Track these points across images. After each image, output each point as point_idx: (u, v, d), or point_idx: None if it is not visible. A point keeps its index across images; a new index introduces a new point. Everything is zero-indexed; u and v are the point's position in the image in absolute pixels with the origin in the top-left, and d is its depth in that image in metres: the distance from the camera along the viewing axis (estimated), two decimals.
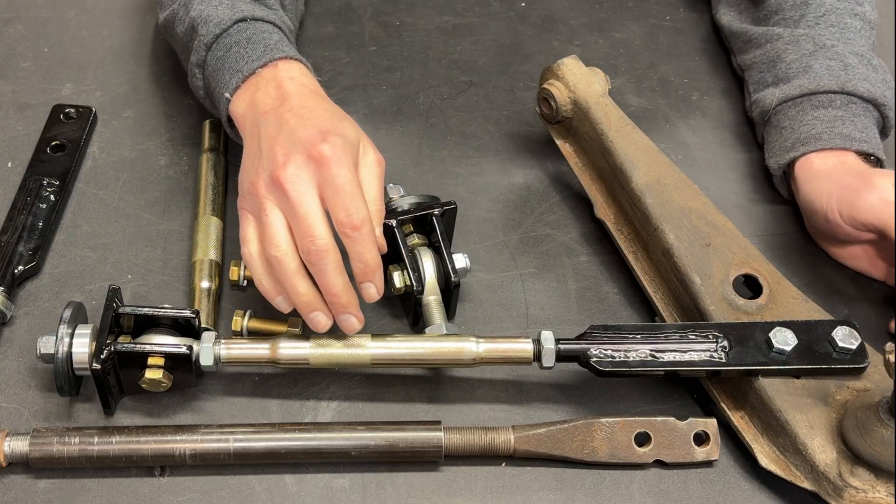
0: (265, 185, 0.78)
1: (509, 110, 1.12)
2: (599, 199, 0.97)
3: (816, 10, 1.06)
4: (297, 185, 0.77)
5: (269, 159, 0.79)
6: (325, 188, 0.77)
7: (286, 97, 0.84)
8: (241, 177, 0.83)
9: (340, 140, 0.79)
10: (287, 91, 0.85)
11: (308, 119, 0.81)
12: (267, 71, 0.87)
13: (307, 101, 0.83)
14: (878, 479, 0.74)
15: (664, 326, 0.83)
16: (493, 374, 0.87)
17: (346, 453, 0.79)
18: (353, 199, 0.77)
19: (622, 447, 0.80)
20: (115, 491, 0.78)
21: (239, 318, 0.87)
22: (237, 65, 0.89)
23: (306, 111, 0.82)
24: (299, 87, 0.86)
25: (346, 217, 0.77)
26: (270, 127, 0.82)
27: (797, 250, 0.99)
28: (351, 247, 0.78)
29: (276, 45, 0.90)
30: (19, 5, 1.19)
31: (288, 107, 0.83)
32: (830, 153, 0.95)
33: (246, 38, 0.91)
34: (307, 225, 0.76)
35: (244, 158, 0.84)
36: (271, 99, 0.84)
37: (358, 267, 0.79)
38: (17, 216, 0.94)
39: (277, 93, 0.85)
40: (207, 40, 0.92)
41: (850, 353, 0.80)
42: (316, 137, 0.78)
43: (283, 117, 0.81)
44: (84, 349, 0.78)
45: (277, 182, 0.77)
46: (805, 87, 1.00)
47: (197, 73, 0.94)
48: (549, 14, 1.24)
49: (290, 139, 0.79)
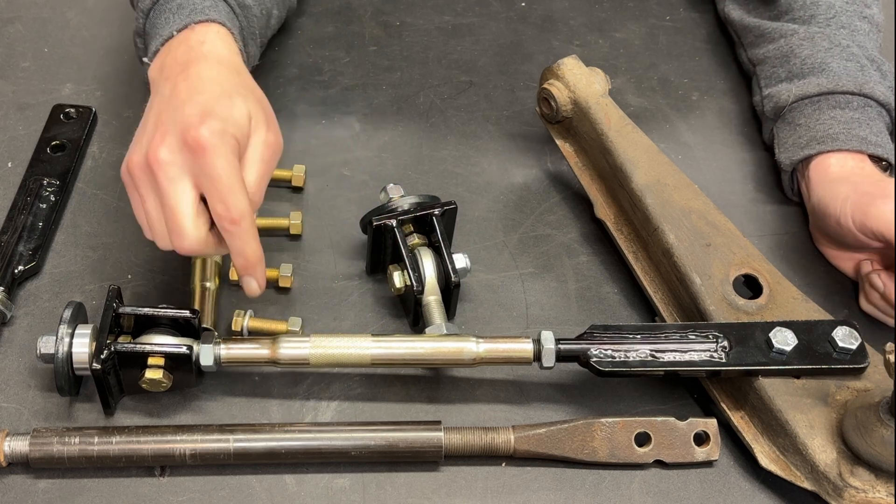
0: (139, 165, 0.74)
1: (509, 110, 1.12)
2: (599, 199, 0.97)
3: (826, 11, 1.06)
4: (168, 172, 0.72)
5: (148, 135, 0.74)
6: (201, 178, 0.73)
7: (188, 64, 0.78)
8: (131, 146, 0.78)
9: (219, 124, 0.73)
10: (192, 58, 0.79)
11: (198, 93, 0.75)
12: (183, 34, 0.82)
13: (206, 72, 0.78)
14: (878, 479, 0.74)
15: (664, 326, 0.83)
16: (493, 374, 0.87)
17: (346, 453, 0.79)
18: (231, 191, 0.72)
19: (622, 447, 0.80)
20: (115, 491, 0.78)
21: (239, 318, 0.87)
22: (161, 30, 0.84)
23: (200, 83, 0.76)
24: (207, 52, 0.80)
25: (223, 211, 0.73)
26: (162, 98, 0.77)
27: (797, 250, 0.99)
28: (230, 241, 0.75)
29: (203, 10, 0.85)
30: (19, 5, 1.19)
31: (185, 76, 0.77)
32: (848, 156, 0.95)
33: (177, 4, 0.86)
34: (172, 222, 0.73)
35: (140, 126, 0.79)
36: (178, 65, 0.79)
37: (238, 261, 0.76)
38: (17, 216, 0.94)
39: (184, 57, 0.79)
40: (145, 6, 0.89)
41: (851, 353, 0.80)
42: (194, 119, 0.73)
43: (178, 87, 0.76)
44: (84, 349, 0.78)
45: (149, 166, 0.73)
46: (823, 85, 0.99)
47: (138, 42, 0.92)
48: (549, 14, 1.24)
49: (172, 116, 0.74)
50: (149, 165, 0.73)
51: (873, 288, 0.91)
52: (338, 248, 0.96)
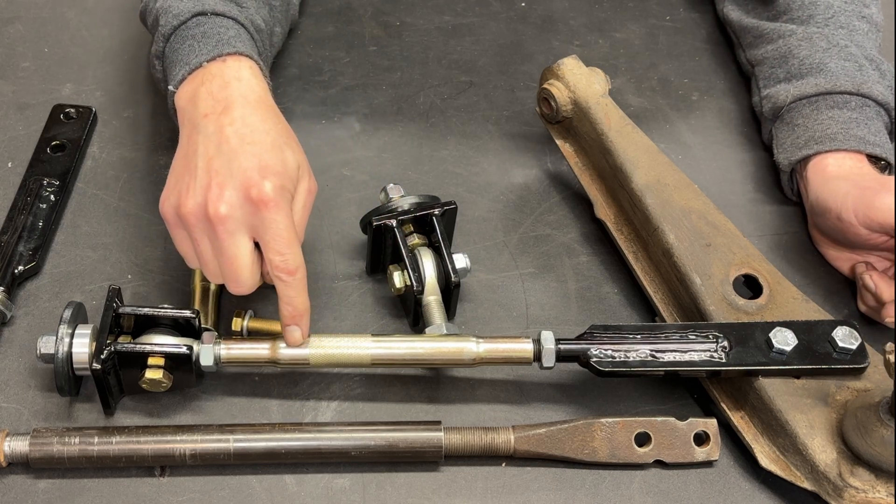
0: (194, 214, 0.77)
1: (509, 110, 1.12)
2: (599, 199, 0.97)
3: (825, 11, 1.06)
4: (228, 226, 0.76)
5: (202, 186, 0.77)
6: (261, 230, 0.76)
7: (230, 105, 0.80)
8: (170, 180, 0.80)
9: (279, 180, 0.77)
10: (231, 96, 0.81)
11: (249, 144, 0.78)
12: (215, 66, 0.84)
13: (251, 117, 0.80)
14: (878, 480, 0.74)
15: (664, 326, 0.83)
16: (493, 374, 0.87)
17: (346, 453, 0.79)
18: (290, 245, 0.77)
19: (622, 447, 0.80)
20: (115, 491, 0.78)
21: (239, 318, 0.87)
22: (187, 57, 0.86)
23: (248, 131, 0.79)
24: (245, 92, 0.82)
25: (281, 262, 0.77)
26: (208, 140, 0.79)
27: (797, 250, 0.99)
28: (283, 290, 0.78)
29: (230, 40, 0.86)
30: (19, 5, 1.19)
31: (229, 119, 0.79)
32: (846, 156, 0.95)
33: (201, 32, 0.88)
34: (231, 269, 0.77)
35: (175, 159, 0.81)
36: (213, 101, 0.81)
37: (287, 310, 0.79)
38: (17, 216, 0.94)
39: (222, 94, 0.81)
40: (166, 31, 0.90)
41: (851, 353, 0.80)
42: (255, 175, 0.76)
43: (224, 133, 0.78)
44: (84, 349, 0.78)
45: (209, 218, 0.76)
46: (821, 85, 1.00)
47: (156, 65, 0.92)
48: (549, 14, 1.24)
49: (227, 167, 0.77)
50: (208, 218, 0.76)
51: (866, 289, 0.91)
52: (338, 248, 0.96)
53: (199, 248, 0.78)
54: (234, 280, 0.78)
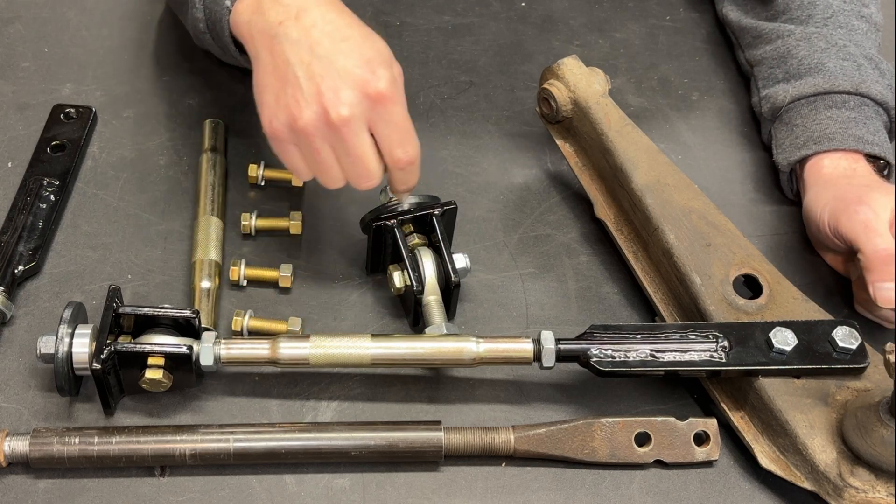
0: (314, 124, 0.76)
1: (509, 110, 1.12)
2: (599, 199, 0.97)
3: (824, 11, 1.06)
4: (353, 127, 0.76)
5: (312, 94, 0.76)
6: (380, 125, 0.77)
7: (303, 7, 0.78)
8: (266, 98, 0.79)
9: (387, 71, 0.77)
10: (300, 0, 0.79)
11: (343, 40, 0.77)
12: None
13: (329, 14, 0.79)
14: (878, 479, 0.74)
15: (664, 326, 0.83)
16: (493, 374, 0.87)
17: (346, 453, 0.79)
18: (409, 135, 0.79)
19: (622, 447, 0.80)
20: (115, 491, 0.78)
21: (239, 318, 0.87)
22: None
23: (333, 29, 0.78)
24: None
25: (403, 154, 0.79)
26: (298, 46, 0.77)
27: (797, 250, 0.99)
28: (402, 176, 0.81)
29: None
30: (19, 5, 1.19)
31: (310, 20, 0.78)
32: (843, 156, 0.95)
33: None
34: (362, 166, 0.79)
35: (262, 76, 0.79)
36: (281, 6, 0.79)
37: (401, 188, 0.84)
38: (17, 216, 0.94)
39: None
40: None
41: (851, 353, 0.80)
42: (364, 70, 0.76)
43: (312, 35, 0.77)
44: (84, 349, 0.78)
45: (331, 123, 0.76)
46: (820, 85, 1.00)
47: (196, 2, 0.89)
48: (549, 14, 1.24)
49: (331, 69, 0.76)
50: (331, 123, 0.76)
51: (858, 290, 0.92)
52: (338, 248, 0.96)
53: (318, 156, 0.78)
54: (364, 176, 0.79)
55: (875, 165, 0.97)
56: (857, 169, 0.95)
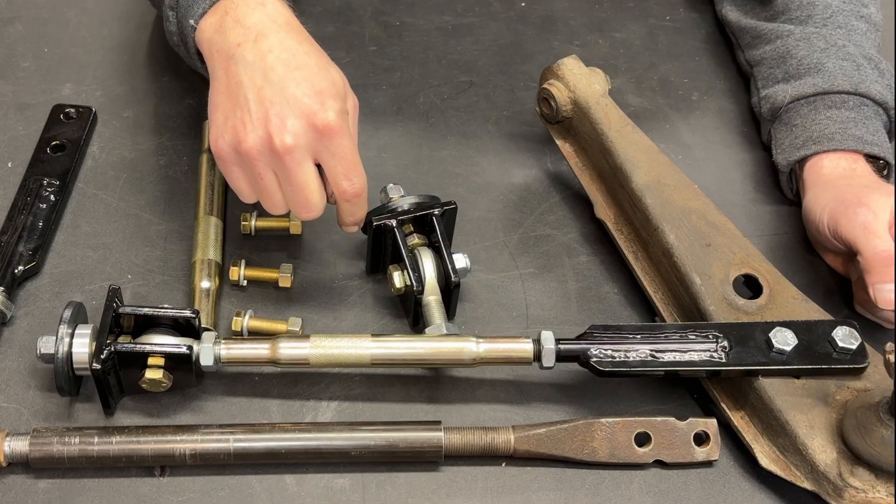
0: (258, 149, 0.76)
1: (509, 110, 1.12)
2: (599, 199, 0.97)
3: (823, 11, 1.06)
4: (295, 156, 0.76)
5: (259, 118, 0.76)
6: (326, 156, 0.77)
7: (263, 31, 0.78)
8: (216, 117, 0.79)
9: (337, 104, 0.77)
10: (261, 22, 0.79)
11: (296, 69, 0.77)
12: None
13: (287, 41, 0.78)
14: (879, 479, 0.74)
15: (664, 326, 0.83)
16: (493, 374, 0.87)
17: (346, 453, 0.79)
18: (356, 168, 0.79)
19: (622, 447, 0.80)
20: (115, 491, 0.78)
21: (239, 318, 0.87)
22: None
23: (290, 56, 0.78)
24: (274, 15, 0.80)
25: (349, 186, 0.79)
26: (251, 69, 0.77)
27: (797, 250, 0.99)
28: (348, 208, 0.81)
29: None
30: (19, 5, 1.19)
31: (267, 45, 0.78)
32: (842, 156, 0.95)
33: None
34: (302, 195, 0.78)
35: (215, 94, 0.79)
36: (243, 28, 0.79)
37: (349, 221, 0.83)
38: (17, 216, 0.94)
39: (250, 20, 0.79)
40: None
41: (851, 353, 0.80)
42: (313, 101, 0.76)
43: (266, 61, 0.77)
44: (84, 349, 0.78)
45: (275, 150, 0.76)
46: (819, 85, 1.00)
47: (170, 16, 0.89)
48: (549, 14, 1.24)
49: (281, 96, 0.76)
50: (274, 150, 0.76)
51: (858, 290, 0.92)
52: (338, 248, 0.96)
53: (261, 181, 0.79)
54: (304, 206, 0.79)
55: (874, 165, 0.97)
56: (856, 169, 0.95)
